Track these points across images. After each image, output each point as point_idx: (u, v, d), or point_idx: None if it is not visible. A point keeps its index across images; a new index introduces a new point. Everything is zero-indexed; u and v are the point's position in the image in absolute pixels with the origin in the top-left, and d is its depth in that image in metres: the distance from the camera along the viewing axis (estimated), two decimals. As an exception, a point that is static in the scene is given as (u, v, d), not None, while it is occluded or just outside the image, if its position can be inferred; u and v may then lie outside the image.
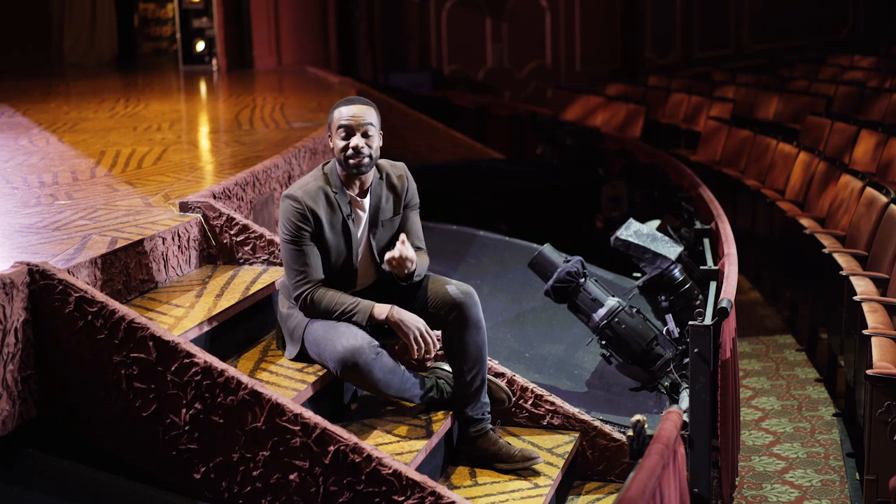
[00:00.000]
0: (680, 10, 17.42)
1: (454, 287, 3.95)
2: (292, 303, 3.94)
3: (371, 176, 3.97)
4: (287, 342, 4.00)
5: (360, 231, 3.97)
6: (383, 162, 4.06)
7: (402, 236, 3.88)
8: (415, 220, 4.12)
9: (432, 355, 3.95)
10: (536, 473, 3.96)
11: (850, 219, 6.76)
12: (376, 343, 3.81)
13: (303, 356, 3.94)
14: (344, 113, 3.89)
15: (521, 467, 3.95)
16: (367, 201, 3.97)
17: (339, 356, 3.74)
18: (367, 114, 3.89)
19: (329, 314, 3.85)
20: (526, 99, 16.22)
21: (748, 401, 6.44)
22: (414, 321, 3.84)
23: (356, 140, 3.85)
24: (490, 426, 4.02)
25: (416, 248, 4.05)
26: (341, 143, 3.87)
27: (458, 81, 16.54)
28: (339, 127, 3.87)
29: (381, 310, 3.85)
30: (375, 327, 3.92)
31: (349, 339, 3.75)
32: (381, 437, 3.82)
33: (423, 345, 3.84)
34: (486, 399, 4.02)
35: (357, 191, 3.96)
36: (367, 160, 3.87)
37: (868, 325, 5.04)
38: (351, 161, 3.86)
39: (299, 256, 3.86)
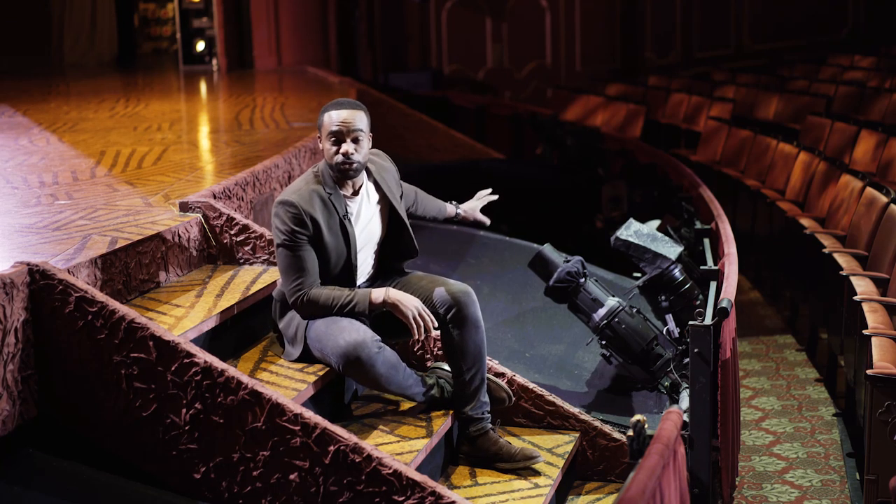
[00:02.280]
0: (680, 10, 17.42)
1: (452, 286, 3.96)
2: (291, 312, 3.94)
3: (362, 175, 3.99)
4: (288, 346, 3.99)
5: (358, 229, 3.97)
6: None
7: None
8: (418, 190, 4.39)
9: (433, 334, 3.95)
10: (537, 473, 3.96)
11: (850, 219, 6.76)
12: (378, 338, 3.81)
13: (305, 357, 3.94)
14: (334, 118, 3.87)
15: (522, 466, 3.95)
16: (359, 199, 3.98)
17: (342, 350, 3.74)
18: (357, 119, 3.88)
19: (329, 309, 3.85)
20: (526, 99, 16.22)
21: (748, 401, 6.44)
22: (411, 301, 3.85)
23: (346, 146, 3.85)
24: (490, 426, 4.02)
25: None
26: (332, 149, 3.88)
27: (458, 81, 16.54)
28: (330, 132, 3.87)
29: (378, 294, 3.86)
30: (376, 325, 3.93)
31: (351, 333, 3.76)
32: (381, 437, 3.82)
33: (422, 323, 3.83)
34: (486, 398, 4.02)
35: (350, 191, 3.97)
36: (356, 166, 3.88)
37: (868, 325, 5.04)
38: (341, 167, 3.87)
39: (296, 262, 3.85)
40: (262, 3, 13.14)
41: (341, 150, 3.85)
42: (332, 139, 3.86)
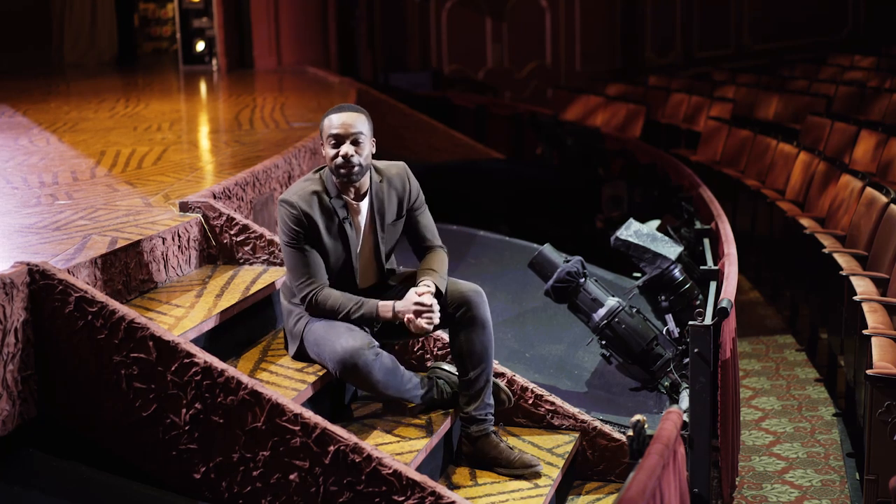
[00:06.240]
0: (680, 10, 17.42)
1: (462, 285, 3.96)
2: (294, 302, 3.95)
3: (367, 180, 3.97)
4: (288, 339, 4.00)
5: (358, 234, 3.97)
6: (381, 163, 4.06)
7: (421, 289, 3.85)
8: (424, 219, 4.10)
9: (436, 317, 3.85)
10: (536, 474, 3.96)
11: (850, 219, 6.76)
12: (376, 344, 3.81)
13: (302, 355, 3.94)
14: (334, 121, 3.89)
15: (519, 474, 3.94)
16: (364, 204, 3.97)
17: (339, 357, 3.74)
18: (357, 122, 3.88)
19: (335, 314, 3.86)
20: (526, 99, 16.22)
21: (748, 401, 6.44)
22: (409, 306, 3.82)
23: (346, 148, 3.84)
24: (492, 428, 4.01)
25: (433, 246, 4.07)
26: (332, 152, 3.88)
27: (458, 81, 16.54)
28: (329, 136, 3.88)
29: (386, 308, 3.85)
30: (377, 327, 3.93)
31: (349, 339, 3.75)
32: (381, 437, 3.82)
33: (425, 310, 3.80)
34: (491, 400, 4.01)
35: (353, 195, 3.96)
36: (356, 168, 3.87)
37: (868, 325, 5.04)
38: (341, 170, 3.86)
39: (301, 259, 3.87)
40: (262, 3, 13.15)
41: (340, 153, 3.85)
42: (332, 142, 3.87)
